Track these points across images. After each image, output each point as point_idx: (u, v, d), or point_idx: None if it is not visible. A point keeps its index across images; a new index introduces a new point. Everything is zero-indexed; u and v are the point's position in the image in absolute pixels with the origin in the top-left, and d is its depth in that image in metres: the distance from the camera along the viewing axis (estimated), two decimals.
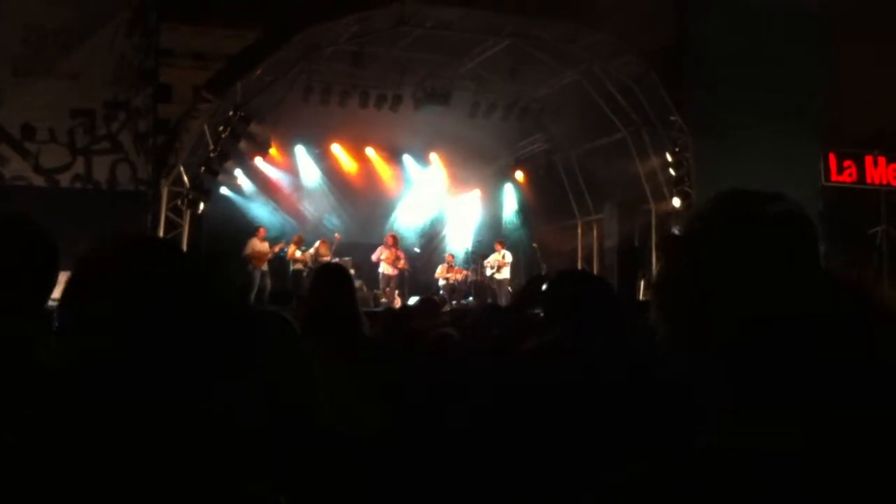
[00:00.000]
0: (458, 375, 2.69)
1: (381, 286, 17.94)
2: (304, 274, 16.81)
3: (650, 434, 1.95)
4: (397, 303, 16.92)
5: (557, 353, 2.72)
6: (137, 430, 1.27)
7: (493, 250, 19.12)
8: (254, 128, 16.08)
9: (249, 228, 17.49)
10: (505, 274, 18.42)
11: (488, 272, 18.78)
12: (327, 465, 2.16)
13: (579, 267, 17.88)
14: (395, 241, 18.46)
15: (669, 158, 16.42)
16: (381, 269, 18.11)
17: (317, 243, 17.56)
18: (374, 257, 18.16)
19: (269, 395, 2.15)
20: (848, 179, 17.75)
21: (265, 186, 20.02)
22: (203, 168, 14.86)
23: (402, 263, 18.35)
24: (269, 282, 16.69)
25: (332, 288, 4.27)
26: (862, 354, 1.08)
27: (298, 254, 17.32)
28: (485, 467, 2.35)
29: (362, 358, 3.82)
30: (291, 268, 17.34)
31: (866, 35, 16.13)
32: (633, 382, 2.38)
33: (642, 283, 16.84)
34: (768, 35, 16.26)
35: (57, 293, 1.55)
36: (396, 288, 18.26)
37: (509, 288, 18.08)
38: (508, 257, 18.67)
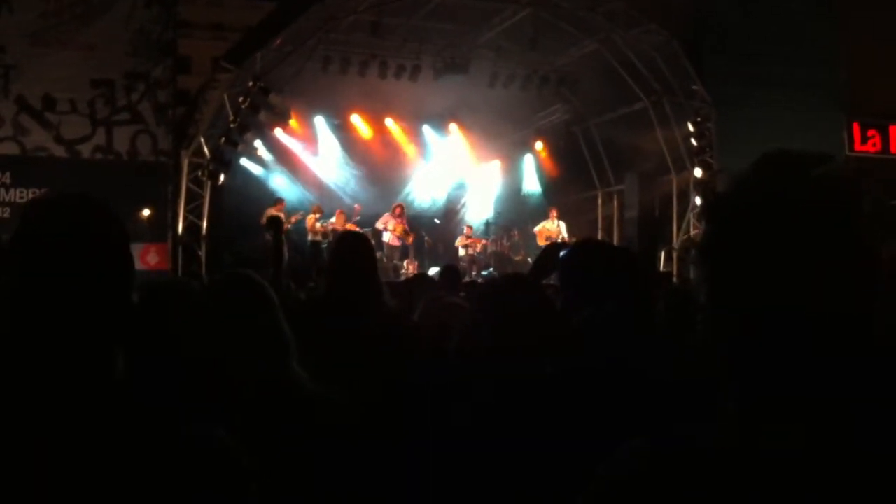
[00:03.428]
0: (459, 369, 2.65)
1: (386, 256, 17.62)
2: (323, 246, 16.81)
3: (653, 430, 1.93)
4: (410, 271, 16.86)
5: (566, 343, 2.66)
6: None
7: (545, 217, 18.63)
8: (273, 99, 16.03)
9: (270, 199, 17.51)
10: None
11: (541, 243, 18.46)
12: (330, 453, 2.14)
13: (599, 237, 17.62)
14: (402, 212, 18.19)
15: (691, 128, 16.29)
16: (384, 239, 17.79)
17: (333, 216, 17.48)
18: (379, 224, 17.78)
19: None
20: (872, 149, 17.54)
21: (285, 157, 20.00)
22: (223, 139, 14.88)
23: (409, 238, 18.20)
24: (286, 252, 16.66)
25: (354, 256, 4.09)
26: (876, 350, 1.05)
27: (318, 225, 17.27)
28: (486, 462, 2.32)
29: (382, 328, 3.78)
30: (309, 239, 17.29)
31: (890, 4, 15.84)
32: (637, 379, 2.34)
33: (662, 254, 16.78)
34: (788, 8, 16.06)
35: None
36: (401, 259, 18.18)
37: None
38: (564, 228, 18.26)
